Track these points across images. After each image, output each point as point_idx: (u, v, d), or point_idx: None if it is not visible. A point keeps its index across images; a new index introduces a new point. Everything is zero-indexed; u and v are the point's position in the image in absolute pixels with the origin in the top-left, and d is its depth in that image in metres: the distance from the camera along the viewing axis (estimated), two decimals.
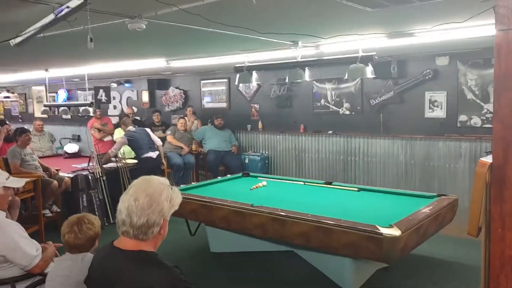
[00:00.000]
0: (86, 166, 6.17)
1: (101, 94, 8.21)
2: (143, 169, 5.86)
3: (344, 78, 5.09)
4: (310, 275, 4.01)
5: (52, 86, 10.32)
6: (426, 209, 3.64)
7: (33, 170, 5.39)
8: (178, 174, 7.17)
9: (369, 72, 4.31)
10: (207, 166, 7.64)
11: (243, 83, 7.07)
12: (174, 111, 9.02)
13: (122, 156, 6.29)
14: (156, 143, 6.53)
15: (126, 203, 1.63)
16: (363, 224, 3.18)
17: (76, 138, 10.80)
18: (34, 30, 2.95)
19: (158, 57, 6.03)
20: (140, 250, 1.63)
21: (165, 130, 7.97)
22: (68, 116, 9.01)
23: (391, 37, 4.25)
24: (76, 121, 10.58)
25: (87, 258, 2.21)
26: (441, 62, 5.83)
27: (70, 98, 10.59)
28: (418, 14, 3.32)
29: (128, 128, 6.55)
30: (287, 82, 7.05)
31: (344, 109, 6.80)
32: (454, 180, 5.77)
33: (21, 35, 3.21)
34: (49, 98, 10.40)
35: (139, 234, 1.62)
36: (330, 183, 4.93)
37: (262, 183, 4.93)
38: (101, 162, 5.98)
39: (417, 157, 6.07)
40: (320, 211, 3.55)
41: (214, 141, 7.54)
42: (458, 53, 5.63)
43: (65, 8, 2.51)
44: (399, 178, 6.22)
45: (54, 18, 2.64)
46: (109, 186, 5.91)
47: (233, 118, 8.01)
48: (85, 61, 6.28)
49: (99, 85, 8.86)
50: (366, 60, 4.24)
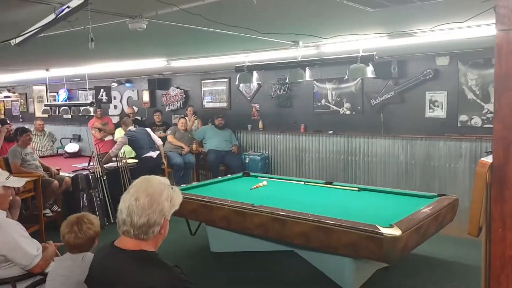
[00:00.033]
0: (87, 165, 6.18)
1: (101, 94, 8.23)
2: (144, 168, 5.87)
3: (344, 78, 5.10)
4: (310, 275, 4.01)
5: (52, 85, 10.36)
6: (426, 209, 3.64)
7: (33, 169, 5.40)
8: (178, 174, 7.17)
9: (369, 72, 4.31)
10: (208, 166, 7.64)
11: (244, 83, 7.07)
12: (175, 111, 9.01)
13: (123, 155, 6.30)
14: (156, 143, 6.53)
15: (126, 203, 1.64)
16: (364, 224, 3.18)
17: (76, 138, 10.80)
18: (35, 30, 2.95)
19: (158, 57, 6.03)
20: (140, 250, 1.64)
21: (166, 130, 7.97)
22: (68, 115, 9.05)
23: (392, 37, 4.25)
24: (76, 120, 10.59)
25: (88, 257, 2.22)
26: (441, 62, 5.82)
27: (70, 97, 10.61)
28: (419, 14, 3.32)
29: (128, 128, 6.55)
30: (288, 82, 7.05)
31: (344, 109, 6.80)
32: (455, 180, 5.77)
33: (21, 35, 3.21)
34: (49, 98, 10.45)
35: (140, 233, 1.62)
36: (331, 183, 4.92)
37: (263, 183, 4.93)
38: (101, 162, 5.98)
39: (417, 157, 6.07)
40: (320, 211, 3.55)
41: (215, 140, 7.53)
42: (459, 53, 5.63)
43: (65, 8, 2.51)
44: (400, 178, 6.22)
45: (55, 18, 2.64)
46: (109, 185, 5.91)
47: (233, 118, 8.02)
48: (85, 61, 6.28)
49: (100, 84, 8.88)
50: (366, 60, 4.23)
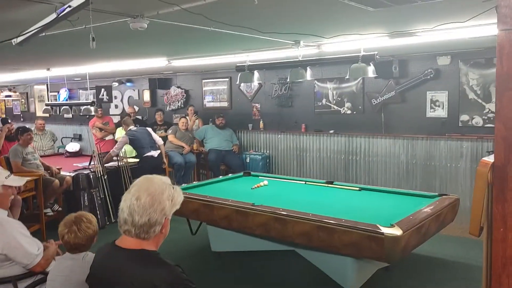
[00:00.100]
0: (87, 165, 6.19)
1: (102, 93, 8.23)
2: (145, 168, 5.88)
3: (345, 78, 5.11)
4: (311, 275, 4.01)
5: (53, 85, 10.37)
6: (427, 208, 3.63)
7: (34, 169, 5.41)
8: (179, 173, 7.18)
9: (370, 71, 4.31)
10: (208, 165, 7.64)
11: (245, 83, 7.06)
12: (176, 111, 9.02)
13: (123, 155, 6.30)
14: (157, 142, 6.54)
15: (128, 202, 1.64)
16: (364, 223, 3.17)
17: (77, 137, 10.81)
18: (36, 30, 2.95)
19: (159, 56, 6.03)
20: (142, 249, 1.64)
21: (167, 129, 7.97)
22: (69, 115, 9.07)
23: (393, 36, 4.25)
24: (77, 120, 10.61)
25: (89, 257, 2.22)
26: (442, 61, 5.82)
27: (71, 97, 10.61)
28: (420, 13, 3.32)
29: (129, 127, 6.55)
30: (289, 81, 7.05)
31: (345, 108, 6.79)
32: (456, 180, 5.76)
33: (23, 34, 3.20)
34: (50, 97, 10.46)
35: (141, 233, 1.62)
36: (331, 183, 4.92)
37: (263, 183, 4.93)
38: (102, 161, 5.99)
39: (418, 156, 6.06)
40: (321, 211, 3.55)
41: (215, 140, 7.53)
42: (460, 52, 5.63)
43: (67, 7, 2.51)
44: (400, 178, 6.22)
45: (56, 17, 2.64)
46: (110, 185, 5.92)
47: (234, 117, 8.02)
48: (86, 60, 6.28)
49: (101, 84, 8.88)
50: (367, 59, 4.23)
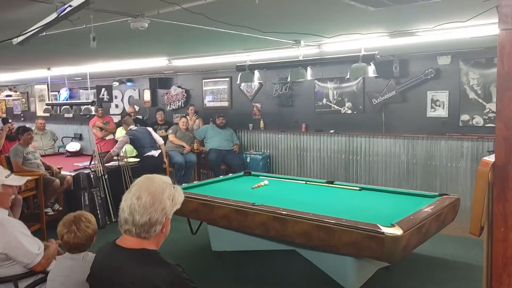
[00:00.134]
0: (88, 164, 6.19)
1: (103, 93, 8.23)
2: (145, 167, 5.88)
3: (346, 77, 5.11)
4: (311, 274, 4.01)
5: (54, 84, 10.37)
6: (427, 208, 3.63)
7: (35, 168, 5.41)
8: (179, 173, 7.18)
9: (371, 71, 4.31)
10: (209, 165, 7.64)
11: (245, 82, 7.05)
12: (176, 110, 9.02)
13: (124, 154, 6.30)
14: (158, 142, 6.54)
15: (128, 202, 1.64)
16: (365, 223, 3.17)
17: (78, 137, 10.82)
18: (37, 29, 2.95)
19: (160, 56, 6.03)
20: (142, 249, 1.64)
21: (167, 129, 7.97)
22: (70, 114, 9.06)
23: (393, 36, 4.24)
24: (78, 119, 10.61)
25: (89, 257, 2.22)
26: (443, 61, 5.81)
27: (72, 96, 10.60)
28: (421, 13, 3.31)
29: (129, 127, 6.55)
30: (289, 81, 7.05)
31: (346, 108, 6.79)
32: (456, 179, 5.76)
33: (23, 34, 3.20)
34: (51, 97, 10.46)
35: (142, 232, 1.63)
36: (332, 182, 4.92)
37: (264, 182, 4.93)
38: (103, 161, 5.99)
39: (419, 156, 6.06)
40: (321, 210, 3.55)
41: (216, 140, 7.54)
42: (460, 52, 5.62)
43: (67, 7, 2.51)
44: (401, 178, 6.22)
45: (57, 17, 2.64)
46: (111, 184, 5.92)
47: (234, 117, 8.02)
48: (87, 60, 6.28)
49: (101, 84, 8.88)
50: (368, 59, 4.23)
